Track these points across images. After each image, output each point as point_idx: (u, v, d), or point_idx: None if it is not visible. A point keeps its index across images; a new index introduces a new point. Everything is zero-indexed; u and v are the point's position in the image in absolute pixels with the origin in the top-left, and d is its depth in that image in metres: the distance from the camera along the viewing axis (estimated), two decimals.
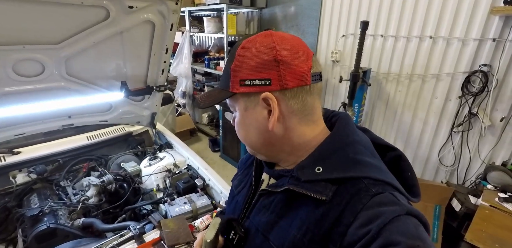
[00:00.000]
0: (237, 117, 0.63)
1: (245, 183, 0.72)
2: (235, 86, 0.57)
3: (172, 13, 1.46)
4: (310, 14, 3.24)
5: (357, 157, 0.54)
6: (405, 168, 0.60)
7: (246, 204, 0.67)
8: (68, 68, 1.45)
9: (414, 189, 0.57)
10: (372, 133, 0.66)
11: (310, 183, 0.54)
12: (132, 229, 1.29)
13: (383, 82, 2.86)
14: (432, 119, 2.64)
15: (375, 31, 2.75)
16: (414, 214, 0.47)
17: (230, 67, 0.58)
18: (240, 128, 0.63)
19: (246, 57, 0.56)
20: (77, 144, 1.87)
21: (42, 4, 1.12)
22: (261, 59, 0.55)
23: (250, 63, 0.55)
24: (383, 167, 0.56)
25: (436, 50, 2.46)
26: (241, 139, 0.65)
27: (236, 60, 0.57)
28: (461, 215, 2.14)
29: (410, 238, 0.43)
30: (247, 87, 0.56)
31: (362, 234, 0.45)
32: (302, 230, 0.52)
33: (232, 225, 0.65)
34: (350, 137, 0.58)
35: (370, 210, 0.47)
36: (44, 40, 1.26)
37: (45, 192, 1.60)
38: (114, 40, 1.45)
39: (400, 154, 0.62)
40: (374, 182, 0.51)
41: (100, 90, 1.65)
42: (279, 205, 0.58)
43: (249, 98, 0.58)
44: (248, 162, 0.76)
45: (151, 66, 1.69)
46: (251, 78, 0.55)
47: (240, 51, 0.57)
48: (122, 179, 1.73)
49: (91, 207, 1.54)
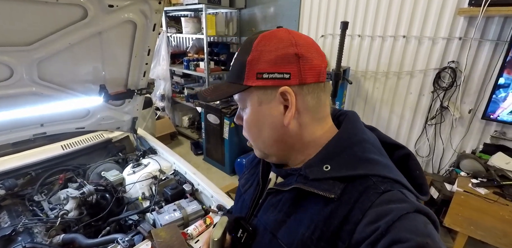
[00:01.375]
0: (248, 113, 0.60)
1: (252, 182, 0.71)
2: (251, 79, 0.55)
3: (154, 13, 1.40)
4: (290, 15, 3.28)
5: (366, 155, 0.54)
6: (414, 167, 0.60)
7: (254, 203, 0.67)
8: (40, 72, 1.33)
9: (423, 187, 0.58)
10: (379, 132, 0.66)
11: (318, 181, 0.53)
12: (121, 242, 1.21)
13: (361, 80, 2.97)
14: (408, 114, 2.78)
15: (352, 31, 2.85)
16: (423, 211, 0.47)
17: (245, 59, 0.56)
18: (252, 125, 0.61)
19: (265, 50, 0.54)
20: (51, 154, 1.73)
21: (10, 1, 1.01)
22: (282, 53, 0.53)
23: (270, 56, 0.54)
24: (391, 165, 0.56)
25: (409, 48, 2.60)
26: (252, 138, 0.63)
27: (254, 52, 0.55)
28: (439, 202, 2.28)
29: (419, 235, 0.42)
30: (265, 81, 0.54)
31: (371, 231, 0.45)
32: (311, 228, 0.52)
33: (240, 223, 0.65)
34: (358, 135, 0.58)
35: (379, 207, 0.47)
36: (12, 41, 1.15)
37: (17, 208, 1.45)
38: (92, 41, 1.36)
39: (409, 153, 0.62)
40: (382, 180, 0.51)
41: (76, 95, 1.54)
42: (287, 203, 0.57)
43: (265, 92, 0.56)
44: (255, 161, 0.75)
45: (132, 68, 1.61)
46: (270, 72, 0.54)
47: (258, 44, 0.55)
48: (104, 189, 1.62)
49: (71, 221, 1.43)
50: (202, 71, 3.80)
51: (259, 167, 0.70)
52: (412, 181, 0.57)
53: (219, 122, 3.29)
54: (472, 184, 2.02)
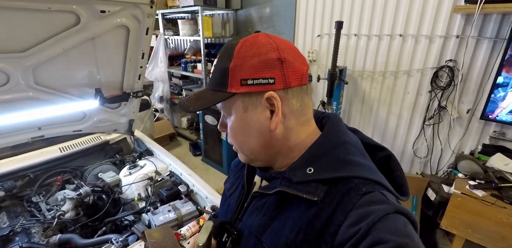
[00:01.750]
0: (233, 121, 0.60)
1: (237, 186, 0.72)
2: (235, 86, 0.55)
3: (147, 17, 1.42)
4: (286, 14, 3.28)
5: (348, 157, 0.56)
6: (394, 167, 0.62)
7: (239, 207, 0.67)
8: (36, 77, 1.36)
9: (403, 187, 0.60)
10: (361, 133, 0.68)
11: (302, 184, 0.54)
12: (115, 242, 1.24)
13: (358, 80, 2.97)
14: (405, 114, 2.77)
15: (348, 30, 2.85)
16: (403, 212, 0.49)
17: (227, 65, 0.55)
18: (237, 132, 0.61)
19: (247, 56, 0.54)
20: (49, 156, 1.77)
21: (4, 9, 1.04)
22: (265, 58, 0.54)
23: (252, 62, 0.54)
24: (372, 166, 0.58)
25: (406, 47, 2.59)
26: (238, 144, 0.63)
27: (235, 59, 0.55)
28: (436, 203, 2.26)
29: (399, 236, 0.44)
30: (249, 87, 0.55)
31: (353, 233, 0.46)
32: (295, 231, 0.53)
33: (225, 227, 0.65)
34: (340, 137, 0.60)
35: (360, 209, 0.48)
36: (7, 49, 1.18)
37: (16, 209, 1.49)
38: (86, 46, 1.39)
39: (390, 154, 0.64)
40: (364, 181, 0.52)
41: (73, 99, 1.57)
42: (272, 207, 0.58)
43: (250, 98, 0.56)
44: (240, 165, 0.76)
45: (127, 72, 1.63)
46: (254, 77, 0.54)
47: (239, 50, 0.55)
48: (101, 190, 1.66)
49: (68, 222, 1.46)
50: (199, 73, 3.82)
51: (244, 170, 0.70)
52: (393, 181, 0.59)
53: (216, 123, 3.32)
54: (470, 185, 2.00)
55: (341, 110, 3.08)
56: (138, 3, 1.36)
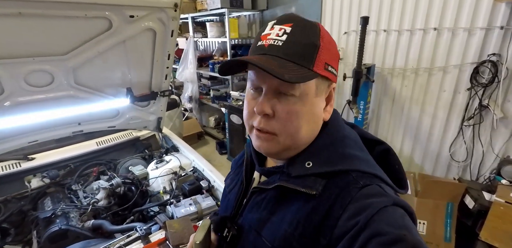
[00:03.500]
0: (300, 103, 0.53)
1: (237, 182, 0.73)
2: (320, 68, 0.53)
3: (171, 20, 1.51)
4: (311, 13, 3.24)
5: (346, 151, 0.56)
6: (393, 161, 0.62)
7: (238, 202, 0.68)
8: (76, 77, 1.52)
9: (402, 181, 0.59)
10: (360, 128, 0.67)
11: (300, 178, 0.55)
12: (139, 230, 1.33)
13: (388, 78, 2.83)
14: (441, 114, 2.58)
15: (377, 26, 2.73)
16: (401, 204, 0.48)
17: (317, 43, 0.52)
18: (299, 115, 0.53)
19: (330, 41, 0.55)
20: (87, 149, 1.95)
21: (48, 18, 1.19)
22: (337, 52, 0.57)
23: (334, 50, 0.56)
24: (371, 160, 0.58)
25: (441, 42, 2.42)
26: (290, 130, 0.54)
27: (323, 40, 0.53)
28: (475, 212, 2.08)
29: (397, 228, 0.44)
30: (328, 73, 0.54)
31: (351, 225, 0.46)
32: (293, 224, 0.53)
33: (225, 223, 0.66)
34: (339, 132, 0.60)
35: (358, 202, 0.48)
36: (52, 52, 1.33)
37: (58, 195, 1.67)
38: (118, 49, 1.52)
39: (388, 148, 0.64)
40: (362, 175, 0.52)
41: (107, 97, 1.72)
42: (271, 201, 0.59)
43: (322, 84, 0.56)
44: (240, 161, 0.77)
45: (154, 72, 1.74)
46: (332, 65, 0.55)
47: (324, 33, 0.54)
48: (130, 182, 1.79)
49: (101, 209, 1.60)
50: None
51: (243, 166, 0.71)
52: (392, 175, 0.58)
53: (241, 123, 3.38)
54: None
55: (369, 110, 2.96)
56: (163, 7, 1.45)
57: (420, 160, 2.82)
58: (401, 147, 2.93)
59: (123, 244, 1.28)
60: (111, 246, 1.27)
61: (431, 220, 2.16)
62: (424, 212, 2.16)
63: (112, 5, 1.30)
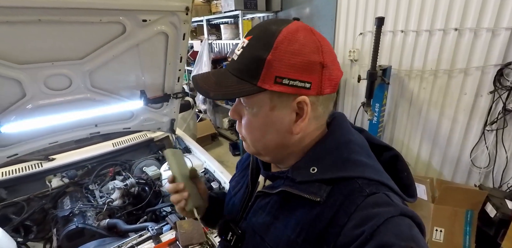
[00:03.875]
0: (254, 116, 0.55)
1: (242, 185, 0.73)
2: (268, 83, 0.49)
3: (183, 23, 1.53)
4: (326, 14, 3.19)
5: (352, 157, 0.54)
6: (402, 168, 0.59)
7: (243, 206, 0.68)
8: (92, 80, 1.57)
9: (410, 189, 0.57)
10: (368, 133, 0.65)
11: (305, 184, 0.54)
12: (150, 230, 1.36)
13: (405, 80, 2.74)
14: (461, 117, 2.47)
15: (394, 26, 2.65)
16: (408, 214, 0.47)
17: (264, 56, 0.49)
18: (255, 128, 0.56)
19: (289, 51, 0.48)
20: (104, 150, 2.02)
21: (65, 24, 1.23)
22: (307, 59, 0.49)
23: (293, 60, 0.48)
24: (378, 166, 0.56)
25: (463, 43, 2.31)
26: (251, 139, 0.58)
27: (275, 51, 0.48)
28: (496, 221, 1.98)
29: (404, 239, 0.42)
30: (283, 87, 0.49)
31: (356, 235, 0.45)
32: (297, 230, 0.53)
33: (229, 226, 0.66)
34: (345, 136, 0.58)
35: (364, 211, 0.47)
36: (69, 56, 1.38)
37: (76, 194, 1.74)
38: (132, 52, 1.55)
39: (397, 154, 0.61)
40: (368, 182, 0.51)
41: (122, 100, 1.76)
42: (275, 206, 0.58)
43: (280, 98, 0.51)
44: (245, 164, 0.76)
45: (167, 75, 1.77)
46: (291, 78, 0.49)
47: (282, 42, 0.48)
48: (144, 182, 1.83)
49: (116, 208, 1.65)
50: None
51: (249, 170, 0.71)
52: (400, 182, 0.56)
53: None
54: None
55: (385, 112, 2.88)
56: (175, 11, 1.47)
57: (439, 165, 2.71)
58: (418, 151, 2.83)
59: (135, 243, 1.31)
60: (124, 245, 1.30)
61: (449, 227, 2.07)
62: (442, 219, 2.07)
63: (125, 10, 1.33)
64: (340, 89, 3.34)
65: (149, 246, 1.30)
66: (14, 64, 1.23)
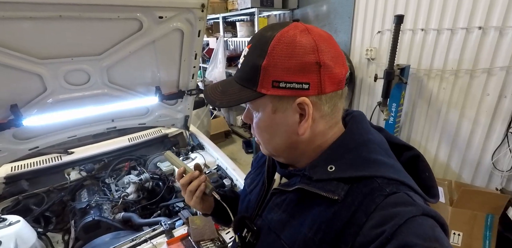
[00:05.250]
0: (260, 119, 0.58)
1: (258, 182, 0.73)
2: (266, 87, 0.52)
3: (198, 20, 1.53)
4: (343, 12, 3.13)
5: (371, 156, 0.53)
6: (423, 168, 0.58)
7: (259, 203, 0.68)
8: (109, 76, 1.60)
9: (432, 189, 0.55)
10: (387, 132, 0.64)
11: (322, 182, 0.53)
12: (163, 224, 1.38)
13: (424, 80, 2.65)
14: (483, 119, 2.37)
15: (414, 25, 2.56)
16: (431, 214, 0.45)
17: (260, 63, 0.51)
18: (263, 130, 0.59)
19: (282, 55, 0.50)
20: (120, 145, 2.06)
21: (85, 20, 1.26)
22: (301, 61, 0.49)
23: (288, 63, 0.50)
24: (398, 166, 0.54)
25: (487, 42, 2.21)
26: (263, 141, 0.61)
27: (269, 57, 0.50)
28: None
29: (426, 240, 0.41)
30: (281, 90, 0.51)
31: (376, 235, 0.44)
32: (314, 229, 0.52)
33: (245, 222, 0.66)
34: (364, 135, 0.57)
35: (384, 211, 0.46)
36: (88, 52, 1.42)
37: (93, 188, 1.79)
38: (148, 49, 1.57)
39: (418, 154, 0.60)
40: (388, 181, 0.49)
41: (138, 95, 1.79)
42: (291, 204, 0.58)
43: (280, 101, 0.53)
44: (261, 161, 0.76)
45: (182, 71, 1.79)
46: (287, 81, 0.50)
47: (275, 47, 0.50)
48: (158, 177, 1.86)
49: (130, 202, 1.69)
50: None
51: (265, 167, 0.71)
52: (421, 183, 0.55)
53: None
54: None
55: (402, 112, 2.80)
56: (191, 8, 1.48)
57: (458, 167, 2.61)
58: (436, 153, 2.74)
59: (148, 237, 1.33)
60: (138, 239, 1.32)
61: (468, 231, 1.99)
62: (460, 223, 2.00)
63: (143, 7, 1.35)
64: (355, 88, 3.27)
65: (162, 240, 1.32)
66: (36, 59, 1.27)
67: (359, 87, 3.25)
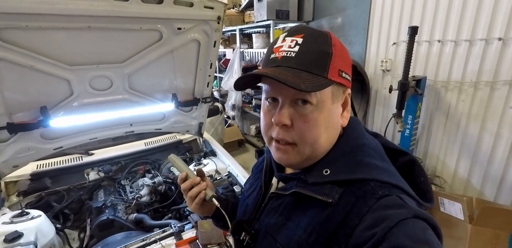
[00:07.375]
0: (319, 111, 0.53)
1: (256, 187, 0.74)
2: (334, 75, 0.53)
3: (214, 32, 1.61)
4: (358, 24, 3.14)
5: (365, 159, 0.54)
6: (418, 173, 0.58)
7: (257, 207, 0.69)
8: (130, 82, 1.70)
9: (428, 194, 0.56)
10: (383, 138, 0.65)
11: (317, 185, 0.54)
12: (173, 227, 1.42)
13: (441, 92, 2.58)
14: (506, 133, 2.27)
15: (430, 36, 2.53)
16: (422, 217, 0.46)
17: (329, 51, 0.52)
18: (319, 123, 0.53)
19: (342, 49, 0.55)
20: (137, 148, 2.15)
21: (110, 30, 1.36)
22: (348, 57, 0.57)
23: (345, 57, 0.56)
24: (391, 169, 0.55)
25: (508, 53, 2.14)
26: (311, 138, 0.54)
27: (335, 47, 0.53)
28: None
29: (417, 242, 0.42)
30: (342, 79, 0.55)
31: (367, 237, 0.45)
32: (308, 231, 0.53)
33: (242, 226, 0.68)
34: (358, 140, 0.58)
35: (376, 213, 0.47)
36: (112, 60, 1.52)
37: (109, 188, 1.87)
38: (166, 58, 1.66)
39: (413, 159, 0.61)
40: (381, 185, 0.50)
41: (155, 102, 1.88)
42: (287, 207, 0.59)
43: (337, 90, 0.55)
44: (260, 167, 0.78)
45: (197, 80, 1.86)
46: (346, 71, 0.56)
47: (335, 40, 0.54)
48: (171, 182, 1.92)
49: (143, 204, 1.75)
50: None
51: (263, 172, 0.72)
52: (417, 187, 0.56)
53: None
54: None
55: (419, 125, 2.73)
56: (208, 20, 1.56)
57: (479, 183, 2.49)
58: (456, 167, 2.64)
59: (158, 238, 1.38)
60: (148, 239, 1.37)
61: None
62: (481, 242, 1.90)
63: (163, 19, 1.44)
64: (370, 99, 3.23)
65: (171, 242, 1.35)
66: (66, 65, 1.39)
67: (374, 98, 3.22)
